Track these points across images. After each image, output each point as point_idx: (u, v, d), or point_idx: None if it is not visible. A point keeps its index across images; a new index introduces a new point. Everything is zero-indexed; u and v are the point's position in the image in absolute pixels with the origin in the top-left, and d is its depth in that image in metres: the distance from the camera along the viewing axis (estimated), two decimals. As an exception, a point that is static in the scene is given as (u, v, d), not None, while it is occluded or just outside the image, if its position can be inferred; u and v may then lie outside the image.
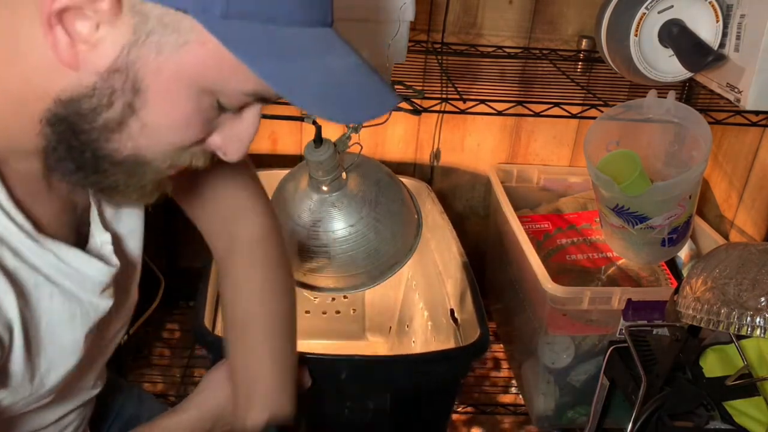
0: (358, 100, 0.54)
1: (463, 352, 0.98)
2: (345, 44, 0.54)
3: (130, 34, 0.48)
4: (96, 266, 0.62)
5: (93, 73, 0.50)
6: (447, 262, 1.22)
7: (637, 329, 0.94)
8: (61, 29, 0.48)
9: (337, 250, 1.02)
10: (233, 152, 0.58)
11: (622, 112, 1.17)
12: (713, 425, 0.86)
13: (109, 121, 0.52)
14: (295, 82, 0.50)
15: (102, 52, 0.49)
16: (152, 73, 0.50)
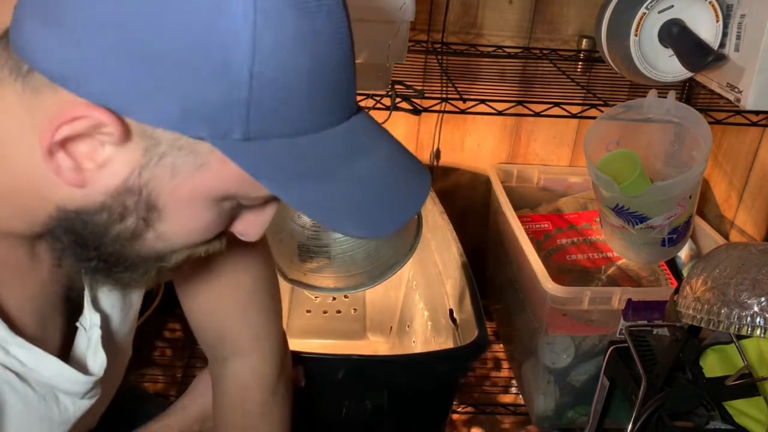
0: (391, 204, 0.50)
1: (460, 353, 0.98)
2: (374, 128, 0.51)
3: (140, 155, 0.45)
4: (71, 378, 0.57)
5: (101, 193, 0.47)
6: (447, 263, 1.22)
7: (637, 329, 0.94)
8: (63, 155, 0.45)
9: (337, 250, 1.02)
10: (253, 236, 0.56)
11: (622, 112, 1.17)
12: (713, 425, 0.86)
13: (122, 233, 0.50)
14: (324, 203, 0.47)
15: (111, 171, 0.46)
16: (168, 193, 0.47)
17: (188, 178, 0.46)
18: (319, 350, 1.34)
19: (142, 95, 0.43)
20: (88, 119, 0.43)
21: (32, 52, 0.44)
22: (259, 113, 0.43)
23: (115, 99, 0.43)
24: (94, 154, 0.45)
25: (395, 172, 0.51)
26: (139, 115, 0.43)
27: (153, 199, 0.47)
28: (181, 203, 0.48)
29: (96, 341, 0.60)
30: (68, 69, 0.43)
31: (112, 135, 0.44)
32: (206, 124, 0.43)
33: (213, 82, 0.42)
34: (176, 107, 0.43)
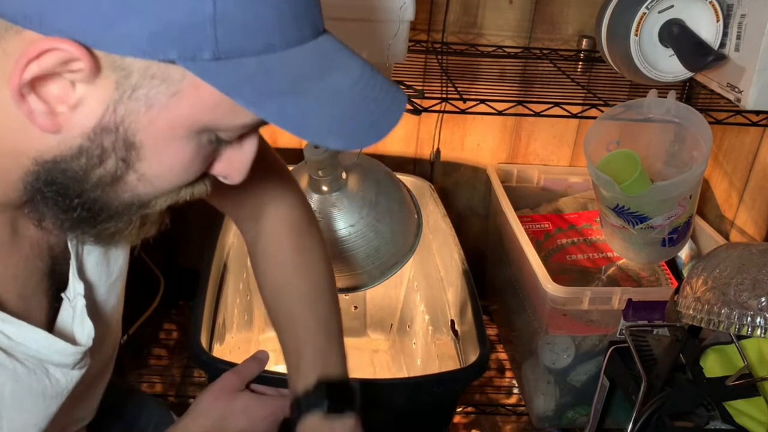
0: (368, 118, 0.50)
1: (460, 375, 0.97)
2: (343, 49, 0.51)
3: (112, 90, 0.45)
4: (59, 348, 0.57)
5: (77, 135, 0.47)
6: (448, 268, 1.22)
7: (637, 329, 0.94)
8: (34, 97, 0.45)
9: (337, 250, 1.02)
10: (236, 177, 0.56)
11: (622, 112, 1.17)
12: (713, 425, 0.86)
13: (102, 177, 0.49)
14: (302, 117, 0.47)
15: (85, 111, 0.46)
16: (144, 127, 0.47)
17: (163, 109, 0.46)
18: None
19: (107, 23, 0.42)
20: (56, 52, 0.42)
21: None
22: (226, 31, 0.43)
23: (81, 31, 0.42)
24: (66, 96, 0.45)
25: (370, 87, 0.50)
26: (106, 45, 0.43)
27: (130, 135, 0.47)
28: (158, 138, 0.47)
29: (81, 310, 0.60)
30: (28, 6, 0.42)
31: (83, 70, 0.43)
32: (174, 45, 0.43)
33: (176, 0, 0.42)
34: (142, 31, 0.42)
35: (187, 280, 1.58)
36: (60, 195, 0.50)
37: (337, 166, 1.00)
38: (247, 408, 0.78)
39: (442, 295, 1.22)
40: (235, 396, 0.78)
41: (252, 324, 1.35)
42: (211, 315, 1.03)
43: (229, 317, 1.18)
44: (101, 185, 0.50)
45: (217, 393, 0.78)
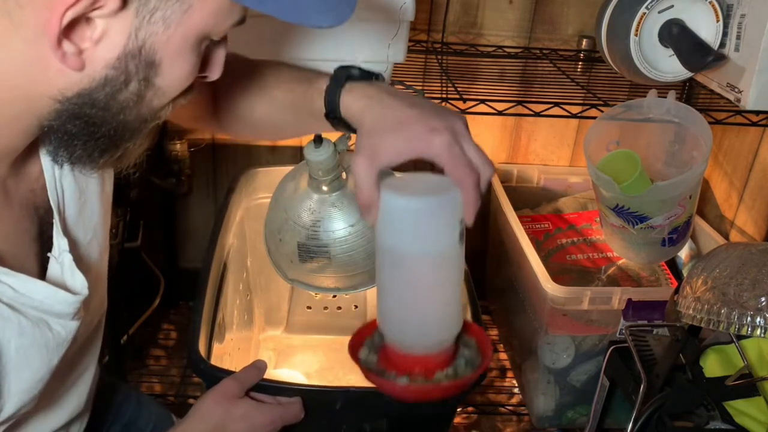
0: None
1: None
2: None
3: (132, 18, 0.48)
4: (61, 298, 0.59)
5: (102, 67, 0.50)
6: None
7: (637, 329, 0.94)
8: (68, 42, 0.47)
9: (338, 250, 1.02)
10: (216, 73, 0.59)
11: (622, 112, 1.17)
12: (713, 425, 0.86)
13: (126, 100, 0.52)
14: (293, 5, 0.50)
15: (108, 44, 0.48)
16: (163, 45, 0.50)
17: (179, 25, 0.50)
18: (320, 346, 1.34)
19: None
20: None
21: None
22: None
23: None
24: (90, 33, 0.48)
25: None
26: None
27: (151, 55, 0.50)
28: (174, 52, 0.51)
29: (70, 264, 0.61)
30: None
31: (110, 7, 0.46)
32: None
33: None
34: None
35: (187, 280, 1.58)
36: (88, 125, 0.52)
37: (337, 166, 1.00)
38: (247, 415, 0.78)
39: None
40: (235, 402, 0.79)
41: (252, 323, 1.35)
42: (210, 314, 1.02)
43: (229, 316, 1.18)
44: (125, 107, 0.53)
45: (218, 398, 0.78)
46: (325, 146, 0.97)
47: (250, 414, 0.79)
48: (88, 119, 0.52)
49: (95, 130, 0.53)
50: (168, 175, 1.47)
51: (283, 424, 0.81)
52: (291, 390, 0.85)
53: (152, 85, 0.52)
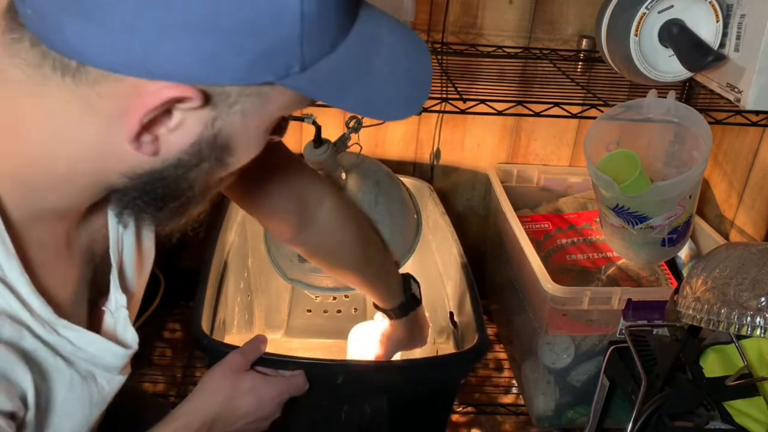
0: (413, 79, 0.55)
1: (459, 358, 0.97)
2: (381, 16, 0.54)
3: (210, 110, 0.49)
4: (114, 351, 0.61)
5: (176, 151, 0.51)
6: (447, 264, 1.22)
7: (637, 329, 0.94)
8: (145, 134, 0.49)
9: (338, 250, 1.02)
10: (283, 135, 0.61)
11: (622, 112, 1.17)
12: (713, 425, 0.86)
13: (197, 177, 0.54)
14: (370, 101, 0.53)
15: (184, 133, 0.50)
16: (239, 132, 0.52)
17: (255, 115, 0.51)
18: (320, 350, 1.34)
19: (211, 66, 0.46)
20: (183, 99, 0.47)
21: (81, 50, 0.46)
22: (310, 44, 0.47)
23: (187, 73, 0.46)
24: (167, 122, 0.49)
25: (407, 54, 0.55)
26: (211, 80, 0.47)
27: (226, 141, 0.52)
28: (249, 137, 0.53)
29: (125, 320, 0.63)
30: (131, 57, 0.45)
31: (194, 106, 0.48)
32: (271, 69, 0.47)
33: (273, 32, 0.46)
34: (244, 65, 0.46)
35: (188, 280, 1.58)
36: (156, 199, 0.54)
37: (337, 167, 1.00)
38: (254, 388, 0.80)
39: (441, 290, 1.22)
40: (242, 375, 0.80)
41: (252, 323, 1.35)
42: (211, 314, 1.03)
43: (230, 316, 1.18)
44: (195, 183, 0.55)
45: (226, 372, 0.79)
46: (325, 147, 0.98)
47: (257, 387, 0.80)
48: (156, 194, 0.54)
49: (163, 203, 0.55)
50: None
51: (289, 395, 0.83)
52: (293, 363, 0.86)
53: (224, 164, 0.54)
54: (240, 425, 0.78)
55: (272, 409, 0.82)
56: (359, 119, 0.99)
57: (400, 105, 0.54)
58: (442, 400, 1.01)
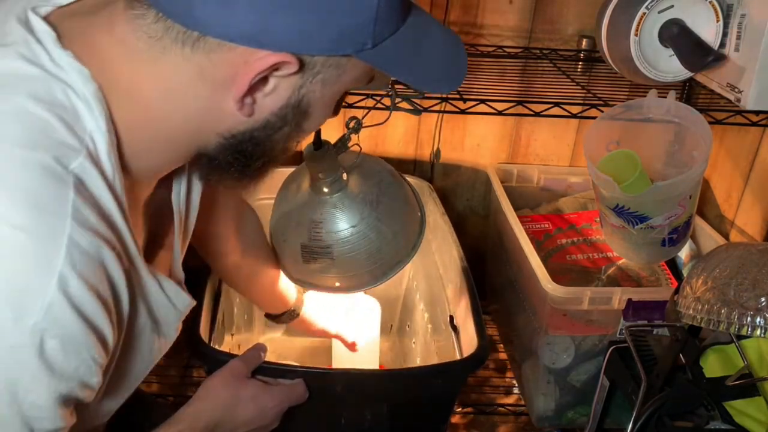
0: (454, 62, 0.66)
1: (459, 366, 0.97)
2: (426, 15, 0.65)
3: (299, 77, 0.59)
4: (184, 300, 0.71)
5: (267, 114, 0.61)
6: (447, 266, 1.22)
7: (637, 329, 0.94)
8: (248, 96, 0.58)
9: (340, 251, 1.02)
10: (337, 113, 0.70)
11: (622, 112, 1.17)
12: (713, 425, 0.86)
13: (279, 139, 0.64)
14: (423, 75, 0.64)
15: (276, 97, 0.60)
16: (317, 99, 0.61)
17: (333, 85, 0.61)
18: (320, 349, 1.34)
19: (307, 38, 0.56)
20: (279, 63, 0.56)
21: (206, 23, 0.55)
22: (381, 25, 0.57)
23: (291, 44, 0.56)
24: (264, 87, 0.59)
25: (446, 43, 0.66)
26: (306, 50, 0.57)
27: (305, 107, 0.62)
28: (324, 104, 0.63)
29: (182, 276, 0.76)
30: (246, 29, 0.54)
31: (289, 72, 0.58)
32: (351, 44, 0.57)
33: (356, 13, 0.56)
34: (331, 39, 0.56)
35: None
36: (243, 157, 0.64)
37: (338, 167, 1.00)
38: (255, 396, 0.81)
39: (441, 292, 1.22)
40: (244, 383, 0.81)
41: (252, 324, 1.35)
42: (210, 315, 1.03)
43: (229, 317, 1.18)
44: (276, 144, 0.64)
45: (227, 379, 0.81)
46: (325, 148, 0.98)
47: (258, 395, 0.81)
48: (244, 152, 0.63)
49: (248, 162, 0.64)
50: (168, 175, 1.47)
51: (289, 404, 0.84)
52: (292, 372, 0.87)
53: (300, 129, 0.64)
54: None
55: (272, 418, 0.82)
56: (359, 120, 0.99)
57: (443, 82, 0.65)
58: (441, 407, 1.01)
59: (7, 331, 0.50)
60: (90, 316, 0.53)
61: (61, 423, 0.55)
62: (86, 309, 0.53)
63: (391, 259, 1.06)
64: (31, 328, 0.50)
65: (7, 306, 0.50)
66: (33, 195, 0.51)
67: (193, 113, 0.60)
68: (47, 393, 0.53)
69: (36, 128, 0.53)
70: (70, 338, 0.52)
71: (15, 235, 0.50)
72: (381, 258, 1.04)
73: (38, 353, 0.51)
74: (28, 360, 0.51)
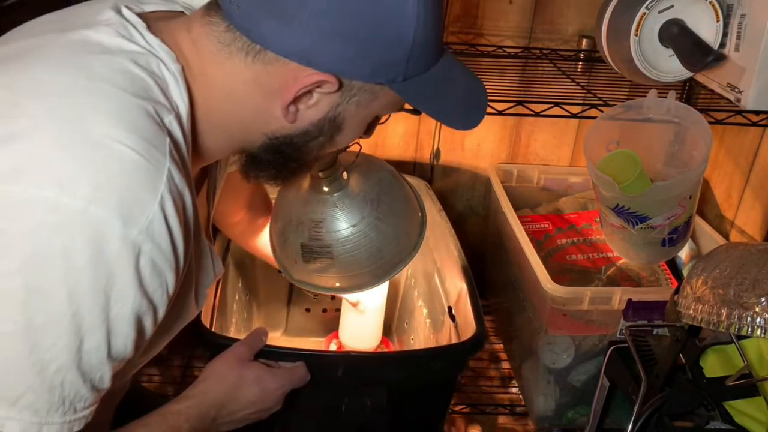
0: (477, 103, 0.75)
1: (458, 349, 0.99)
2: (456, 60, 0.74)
3: (338, 97, 0.68)
4: (219, 265, 0.79)
5: (307, 123, 0.70)
6: (445, 260, 1.23)
7: (637, 329, 0.94)
8: (293, 105, 0.68)
9: (340, 250, 1.02)
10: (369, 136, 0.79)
11: (622, 112, 1.17)
12: (713, 425, 0.86)
13: (313, 147, 0.73)
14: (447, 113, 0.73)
15: (316, 110, 0.69)
16: (351, 117, 0.70)
17: (365, 108, 0.70)
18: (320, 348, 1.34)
19: (349, 64, 0.65)
20: (322, 82, 0.65)
21: (268, 40, 0.64)
22: (412, 64, 0.67)
23: (335, 66, 0.65)
24: (308, 100, 0.68)
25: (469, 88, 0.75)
26: (347, 74, 0.66)
27: (340, 123, 0.71)
28: (356, 123, 0.72)
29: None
30: (300, 49, 0.64)
31: (330, 90, 0.67)
32: (385, 75, 0.66)
33: (392, 50, 0.65)
34: (368, 68, 0.65)
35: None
36: (281, 157, 0.73)
37: (338, 166, 1.00)
38: (259, 378, 0.83)
39: (439, 287, 1.23)
40: (247, 365, 0.84)
41: (251, 322, 1.35)
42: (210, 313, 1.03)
43: (228, 315, 1.18)
44: (311, 151, 0.73)
45: (231, 361, 0.83)
46: (325, 146, 0.98)
47: (261, 377, 0.84)
48: (282, 153, 0.72)
49: (285, 162, 0.73)
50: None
51: (291, 387, 0.86)
52: (293, 355, 0.89)
53: (333, 141, 0.73)
54: (242, 414, 0.82)
55: (275, 400, 0.84)
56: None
57: (463, 120, 0.74)
58: (441, 391, 1.01)
59: (114, 239, 0.56)
60: (176, 239, 0.60)
61: (130, 346, 0.60)
62: (175, 232, 0.60)
63: (392, 259, 1.06)
64: (134, 239, 0.56)
65: (118, 216, 0.56)
66: (141, 129, 0.59)
67: (246, 112, 0.69)
68: (131, 305, 0.58)
69: (139, 84, 0.62)
70: (159, 256, 0.59)
71: (131, 154, 0.57)
72: (382, 258, 1.04)
73: (134, 264, 0.57)
74: (126, 268, 0.57)
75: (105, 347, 0.58)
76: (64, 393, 0.57)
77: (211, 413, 0.79)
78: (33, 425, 0.56)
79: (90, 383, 0.58)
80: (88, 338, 0.56)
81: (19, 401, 0.55)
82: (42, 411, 0.56)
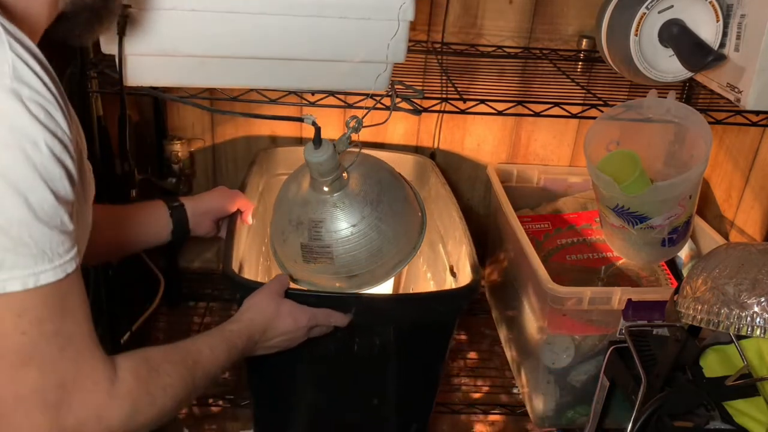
0: None
1: (457, 293, 1.07)
2: None
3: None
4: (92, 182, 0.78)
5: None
6: (447, 225, 1.27)
7: (637, 329, 0.94)
8: None
9: (340, 250, 1.02)
10: None
11: (622, 112, 1.17)
12: (713, 425, 0.86)
13: None
14: None
15: None
16: None
17: None
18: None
19: None
20: None
21: None
22: None
23: None
24: None
25: None
26: None
27: None
28: None
29: None
30: None
31: None
32: None
33: None
34: None
35: (188, 280, 1.58)
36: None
37: (338, 166, 1.00)
38: (292, 312, 0.93)
39: (441, 250, 1.28)
40: (282, 300, 0.94)
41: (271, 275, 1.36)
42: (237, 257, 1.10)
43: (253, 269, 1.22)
44: None
45: (270, 295, 0.93)
46: (325, 147, 0.98)
47: (294, 311, 0.93)
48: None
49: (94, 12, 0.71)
50: (168, 175, 1.47)
51: (317, 323, 0.96)
52: (313, 296, 0.99)
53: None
54: (275, 342, 0.92)
55: (303, 332, 0.94)
56: (359, 119, 0.99)
57: None
58: (441, 333, 1.11)
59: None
60: (45, 81, 0.60)
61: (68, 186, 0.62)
62: (41, 74, 0.60)
63: (392, 259, 1.06)
64: (10, 86, 0.58)
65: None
66: None
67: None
68: (44, 145, 0.60)
69: None
70: (39, 97, 0.59)
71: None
72: (382, 257, 1.04)
73: (25, 109, 0.58)
74: (21, 115, 0.58)
75: (50, 193, 0.60)
76: (40, 245, 0.60)
77: (255, 337, 0.89)
78: (30, 277, 0.60)
79: (57, 229, 0.61)
80: (31, 192, 0.59)
81: (5, 263, 0.59)
82: (30, 264, 0.60)
